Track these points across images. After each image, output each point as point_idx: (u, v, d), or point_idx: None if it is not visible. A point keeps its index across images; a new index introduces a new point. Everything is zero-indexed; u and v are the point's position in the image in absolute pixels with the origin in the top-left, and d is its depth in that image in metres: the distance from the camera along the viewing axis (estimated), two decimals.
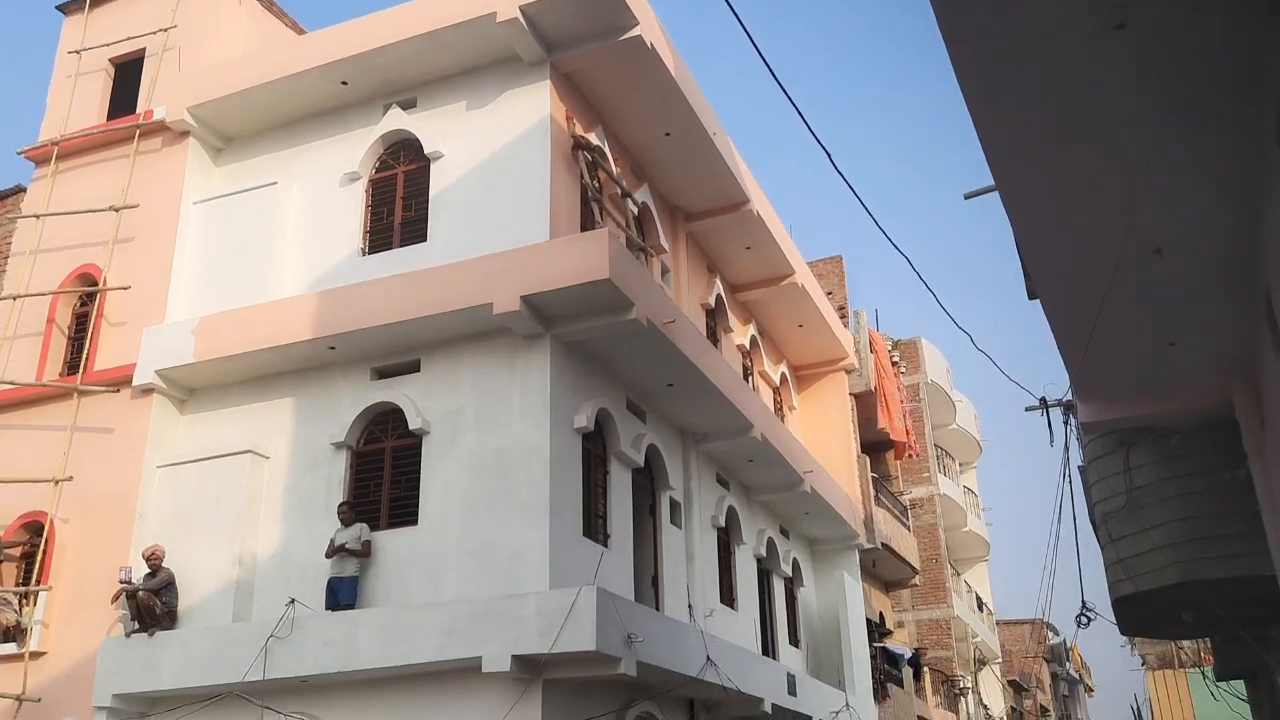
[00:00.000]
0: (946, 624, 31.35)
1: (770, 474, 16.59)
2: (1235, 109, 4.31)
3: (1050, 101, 4.22)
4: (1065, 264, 5.17)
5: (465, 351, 11.87)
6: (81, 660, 11.64)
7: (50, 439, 12.90)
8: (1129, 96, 4.20)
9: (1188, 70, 4.17)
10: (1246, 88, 4.15)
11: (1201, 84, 4.23)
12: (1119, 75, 4.14)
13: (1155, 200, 4.64)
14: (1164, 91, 4.17)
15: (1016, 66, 4.11)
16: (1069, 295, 5.46)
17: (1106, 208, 4.67)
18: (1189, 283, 5.24)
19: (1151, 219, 4.78)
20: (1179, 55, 4.08)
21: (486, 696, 10.16)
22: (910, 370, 32.33)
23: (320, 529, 11.64)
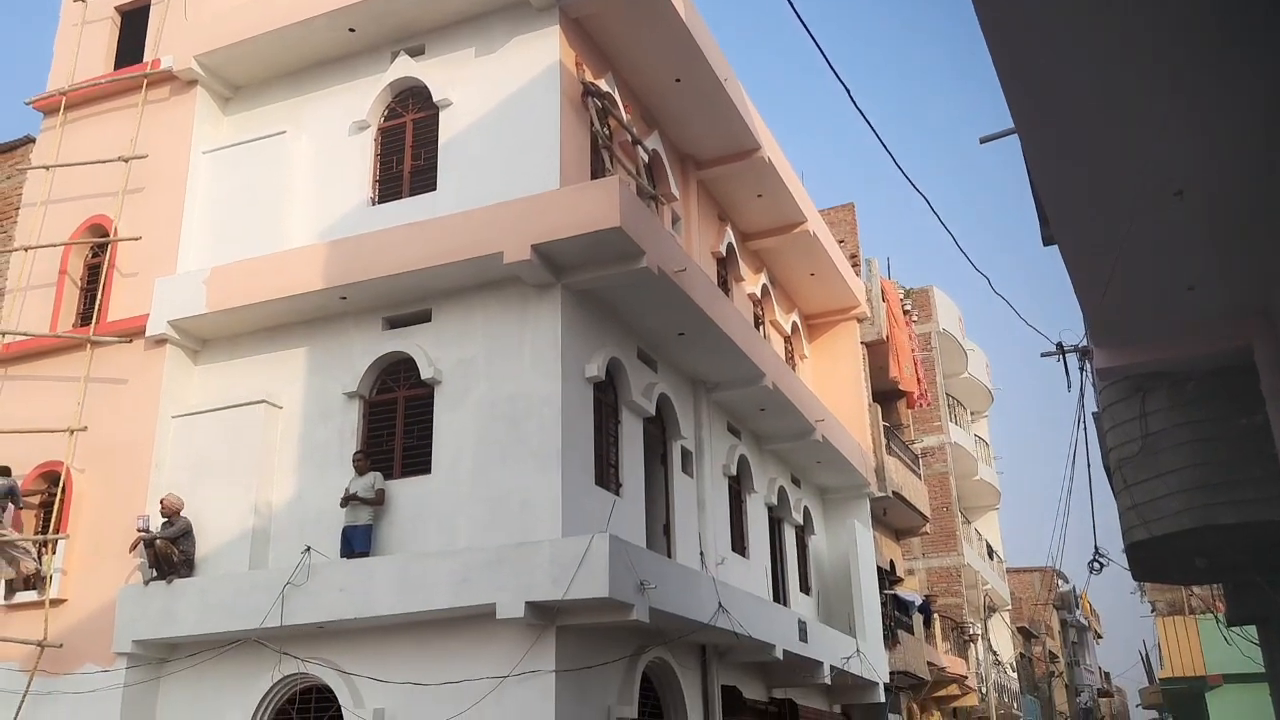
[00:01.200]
0: (957, 572, 31.55)
1: (782, 423, 16.60)
2: (1262, 44, 4.21)
3: (1072, 35, 4.13)
4: (1084, 207, 5.09)
5: (476, 301, 11.85)
6: (101, 607, 11.80)
7: (65, 389, 12.97)
8: (1152, 32, 4.11)
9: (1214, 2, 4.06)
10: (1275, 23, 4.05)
11: (1228, 18, 4.13)
12: (1143, 8, 4.04)
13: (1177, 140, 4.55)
14: (1188, 26, 4.07)
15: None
16: (1087, 239, 5.39)
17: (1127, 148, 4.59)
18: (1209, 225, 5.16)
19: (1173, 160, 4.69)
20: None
21: (500, 642, 10.27)
22: (922, 319, 32.24)
23: (334, 478, 11.71)
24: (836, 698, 18.45)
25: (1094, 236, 5.37)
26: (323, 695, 10.99)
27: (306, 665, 10.95)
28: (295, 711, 11.13)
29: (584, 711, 10.48)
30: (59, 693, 11.55)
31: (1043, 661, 46.65)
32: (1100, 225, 5.26)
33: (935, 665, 24.99)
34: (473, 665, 10.28)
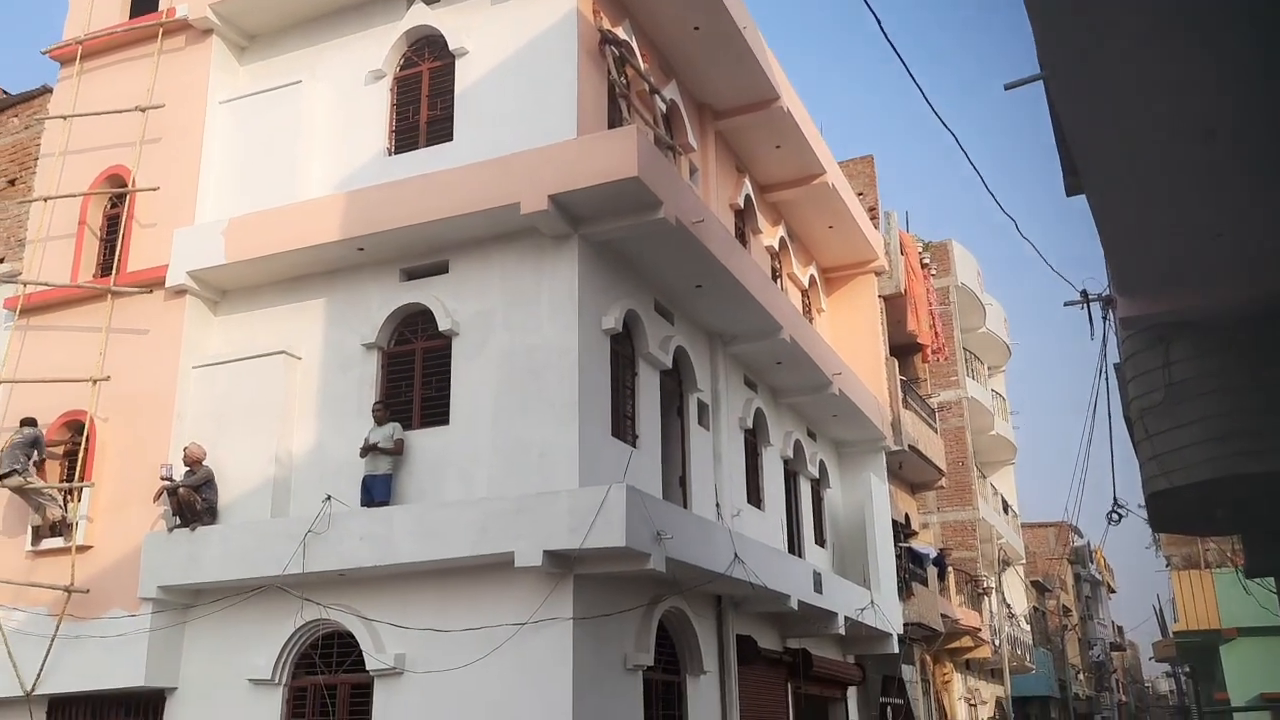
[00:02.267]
0: (971, 526, 31.66)
1: (798, 376, 16.59)
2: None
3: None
4: (1112, 150, 5.01)
5: (493, 252, 11.84)
6: (126, 554, 11.97)
7: (86, 340, 13.06)
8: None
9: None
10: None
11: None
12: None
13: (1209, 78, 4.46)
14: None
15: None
16: (1114, 184, 5.31)
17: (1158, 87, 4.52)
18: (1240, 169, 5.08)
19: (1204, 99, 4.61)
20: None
21: (519, 590, 10.38)
22: (940, 273, 32.06)
23: (354, 428, 11.79)
24: (850, 648, 18.62)
25: (1121, 182, 5.30)
26: (345, 640, 11.16)
27: (328, 611, 11.11)
28: (318, 656, 11.30)
29: (601, 658, 10.61)
30: (86, 636, 11.76)
31: (1056, 615, 46.92)
32: (1128, 170, 5.19)
33: (949, 617, 25.16)
34: (492, 612, 10.40)
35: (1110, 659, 60.41)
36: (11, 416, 13.04)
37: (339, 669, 11.13)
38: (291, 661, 11.34)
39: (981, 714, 33.52)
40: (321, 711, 11.09)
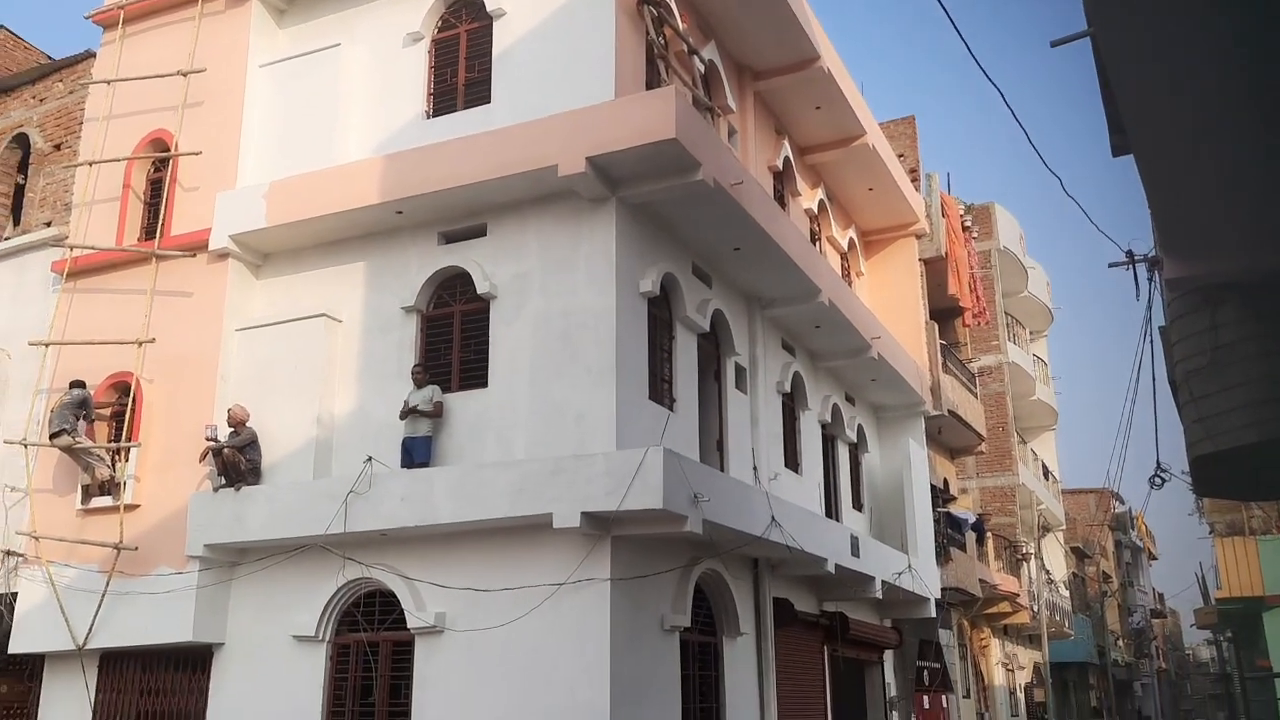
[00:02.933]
0: (1011, 491, 31.48)
1: (837, 340, 16.51)
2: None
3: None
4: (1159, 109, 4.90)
5: (531, 215, 11.85)
6: (173, 513, 12.20)
7: (131, 302, 13.26)
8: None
9: None
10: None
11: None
12: None
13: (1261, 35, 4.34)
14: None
15: None
16: (1161, 144, 5.20)
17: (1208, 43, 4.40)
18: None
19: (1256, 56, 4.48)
20: None
21: (557, 551, 10.48)
22: (982, 236, 31.67)
23: (394, 391, 11.90)
24: (887, 612, 18.64)
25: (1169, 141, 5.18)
26: (386, 599, 11.34)
27: (370, 570, 11.28)
28: (360, 614, 11.49)
29: (638, 619, 10.70)
30: (136, 593, 12.03)
31: (1096, 582, 46.63)
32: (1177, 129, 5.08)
33: (987, 583, 25.09)
34: (530, 573, 10.52)
35: (1150, 626, 60.04)
36: (60, 378, 13.31)
37: (381, 627, 11.32)
38: (335, 619, 11.55)
39: (1019, 679, 33.51)
40: (364, 668, 11.30)
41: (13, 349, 14.59)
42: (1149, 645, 58.01)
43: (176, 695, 12.15)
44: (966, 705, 24.88)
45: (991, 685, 28.98)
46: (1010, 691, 31.89)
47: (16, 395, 14.21)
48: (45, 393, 13.41)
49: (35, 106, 16.12)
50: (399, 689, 11.09)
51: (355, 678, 11.32)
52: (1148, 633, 58.06)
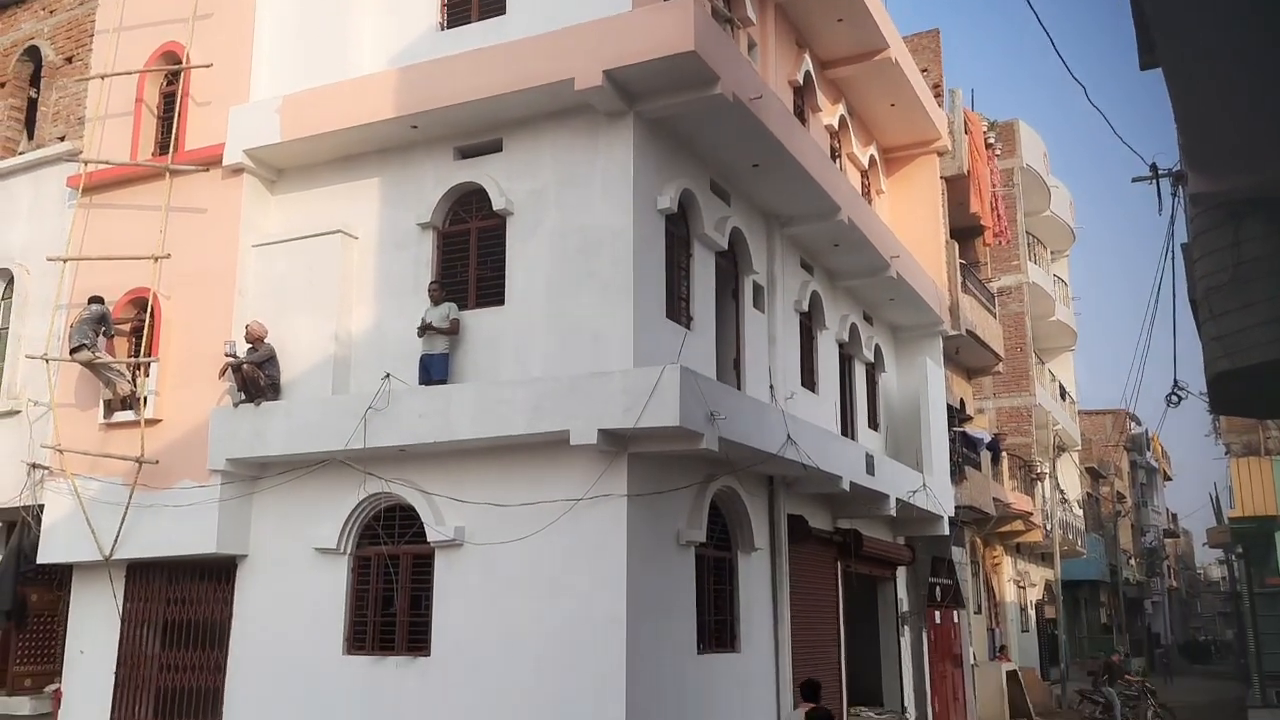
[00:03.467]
0: (1027, 412, 31.50)
1: (856, 259, 16.38)
2: None
3: None
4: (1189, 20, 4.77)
5: (547, 130, 11.71)
6: (194, 427, 12.35)
7: (147, 218, 13.24)
8: None
9: None
10: None
11: None
12: None
13: None
14: None
15: None
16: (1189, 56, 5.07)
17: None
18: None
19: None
20: None
21: (574, 468, 10.57)
22: (1005, 154, 31.20)
23: (411, 308, 11.92)
24: (901, 530, 18.81)
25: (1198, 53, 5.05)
26: (406, 513, 11.50)
27: (390, 485, 11.43)
28: (381, 528, 11.67)
29: (654, 534, 10.84)
30: (160, 506, 12.25)
31: (1110, 502, 46.87)
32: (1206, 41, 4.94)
33: (1001, 501, 25.25)
34: (548, 488, 10.63)
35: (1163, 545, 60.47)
36: (78, 294, 13.37)
37: (401, 540, 11.51)
38: (355, 532, 11.74)
39: (1030, 596, 33.93)
40: (385, 580, 11.51)
41: (31, 264, 14.67)
42: (1160, 564, 58.52)
43: (202, 604, 12.44)
44: (977, 621, 25.23)
45: (1003, 602, 29.36)
46: (1021, 608, 32.32)
47: (36, 311, 14.32)
48: (64, 308, 13.50)
49: (45, 18, 15.94)
50: (419, 600, 11.31)
51: (376, 589, 11.55)
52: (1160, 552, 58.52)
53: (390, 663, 11.16)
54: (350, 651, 11.43)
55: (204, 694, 12.20)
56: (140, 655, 12.66)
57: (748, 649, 12.73)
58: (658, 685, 10.55)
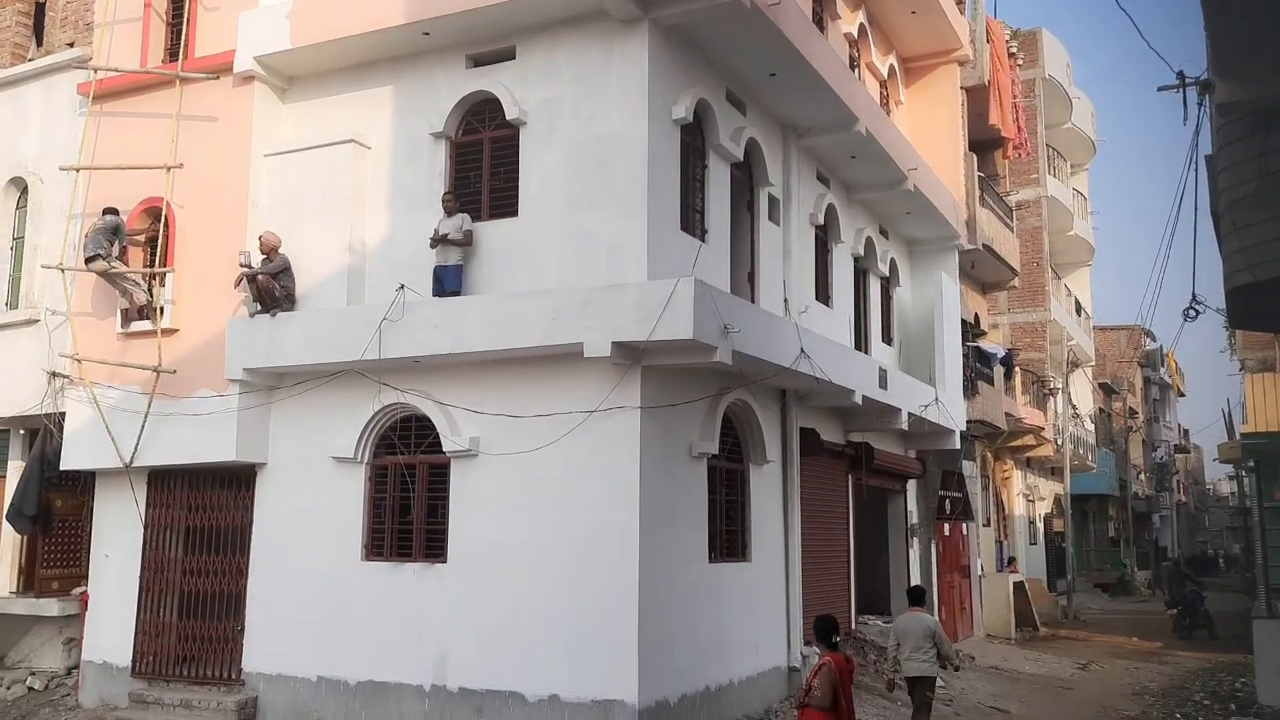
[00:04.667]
0: (1042, 327, 31.41)
1: (873, 171, 16.18)
2: None
3: None
4: None
5: (561, 37, 11.51)
6: (211, 337, 12.42)
7: (159, 126, 13.13)
8: None
9: None
10: None
11: None
12: None
13: None
14: None
15: None
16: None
17: None
18: None
19: None
20: None
21: (588, 380, 10.63)
22: (1027, 64, 30.54)
23: (424, 218, 11.87)
24: (913, 443, 18.93)
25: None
26: (422, 423, 11.61)
27: (405, 396, 11.52)
28: (397, 437, 11.80)
29: (667, 446, 10.94)
30: (179, 414, 12.39)
31: (1121, 417, 46.96)
32: None
33: (1013, 416, 25.34)
34: (562, 400, 10.71)
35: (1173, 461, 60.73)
36: (93, 203, 13.34)
37: (417, 450, 11.64)
38: (372, 442, 11.87)
39: (1039, 510, 34.24)
40: (402, 488, 11.68)
41: (45, 173, 14.62)
42: (1170, 479, 58.84)
43: (223, 511, 12.67)
44: (986, 534, 25.52)
45: (1011, 515, 29.65)
46: (1030, 521, 32.66)
47: (51, 219, 14.32)
48: (79, 217, 13.48)
49: None
50: (435, 509, 11.49)
51: (393, 498, 11.73)
52: (1170, 467, 58.79)
53: (407, 569, 11.39)
54: (368, 558, 11.66)
55: (226, 597, 12.50)
56: (164, 560, 12.95)
57: (758, 559, 12.93)
58: (669, 593, 10.76)
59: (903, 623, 11.69)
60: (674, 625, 10.84)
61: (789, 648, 13.44)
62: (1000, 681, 16.80)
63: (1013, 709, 14.45)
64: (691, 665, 11.12)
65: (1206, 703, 16.03)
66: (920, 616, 11.56)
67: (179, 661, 12.63)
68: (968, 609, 22.34)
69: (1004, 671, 17.50)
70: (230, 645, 12.32)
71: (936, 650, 11.21)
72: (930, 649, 11.18)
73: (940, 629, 11.57)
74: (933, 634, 11.27)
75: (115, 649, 12.97)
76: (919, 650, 11.18)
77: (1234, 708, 15.46)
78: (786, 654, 13.40)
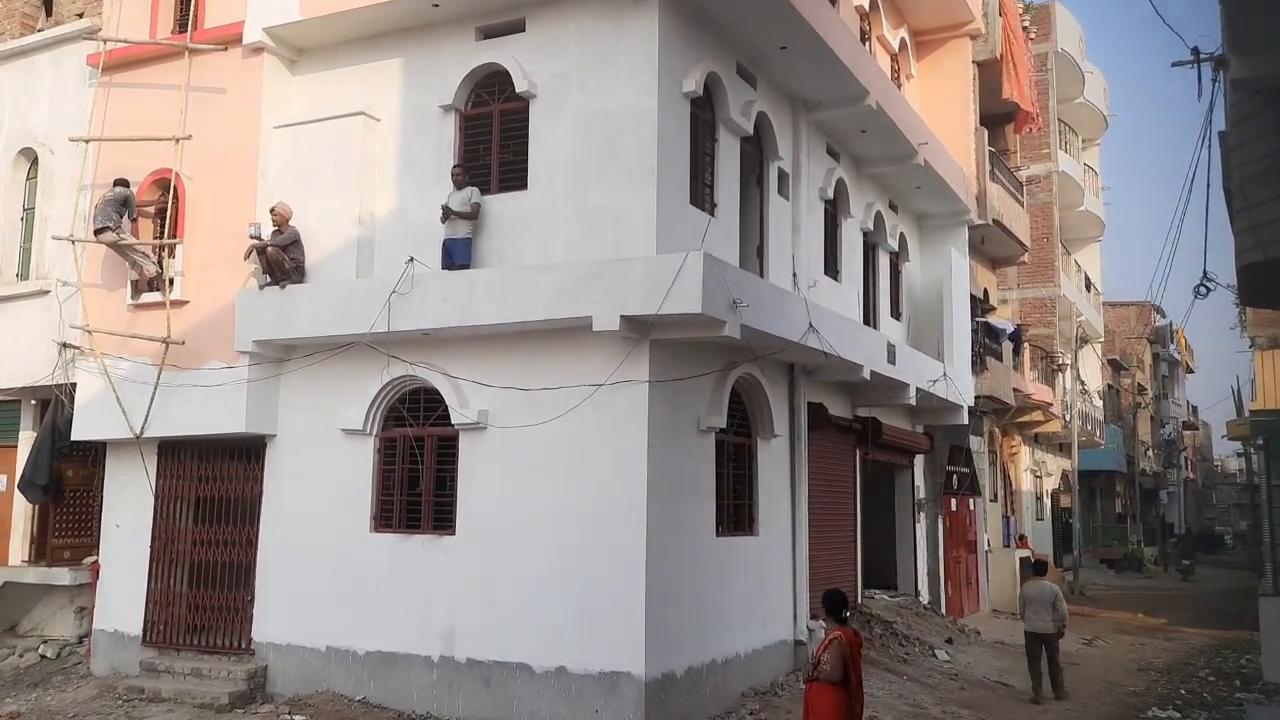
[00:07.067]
0: (1051, 303, 31.31)
1: (883, 145, 16.11)
2: None
3: None
4: None
5: (570, 10, 11.45)
6: (220, 309, 12.45)
7: (169, 97, 13.12)
8: None
9: None
10: None
11: None
12: None
13: None
14: None
15: None
16: None
17: None
18: None
19: None
20: None
21: (596, 354, 10.64)
22: (1039, 38, 30.33)
23: (433, 191, 11.86)
24: (920, 418, 18.94)
25: None
26: (431, 396, 11.65)
27: (414, 369, 11.55)
28: (406, 410, 11.85)
29: (675, 419, 10.96)
30: (189, 386, 12.44)
31: (1130, 394, 46.90)
32: None
33: (1021, 392, 25.32)
34: (570, 373, 10.72)
35: (1181, 437, 60.70)
36: (103, 174, 13.36)
37: (426, 422, 11.69)
38: (381, 414, 11.92)
39: (1046, 485, 34.27)
40: (411, 461, 11.74)
41: (55, 144, 14.64)
42: (1178, 456, 58.81)
43: (233, 482, 12.75)
44: (993, 509, 25.58)
45: (1019, 491, 29.69)
46: (1037, 497, 32.70)
47: (61, 190, 14.34)
48: (89, 188, 13.50)
49: None
50: (444, 481, 11.54)
51: (402, 470, 11.78)
52: (1178, 443, 58.77)
53: (416, 540, 11.46)
54: (377, 530, 11.73)
55: (236, 568, 12.60)
56: (174, 530, 13.05)
57: (765, 533, 12.98)
58: (677, 566, 10.81)
59: (1030, 589, 14.07)
60: (681, 598, 10.90)
61: (795, 621, 13.51)
62: (1006, 656, 16.88)
63: (1017, 684, 14.53)
64: (698, 638, 11.19)
65: (1211, 679, 16.10)
66: (1043, 585, 13.93)
67: (189, 631, 12.75)
68: (974, 584, 22.42)
69: (1009, 646, 17.57)
70: (240, 615, 12.43)
71: (1054, 611, 13.59)
72: (1050, 611, 13.56)
73: (1060, 596, 13.90)
74: (1053, 600, 13.66)
75: (126, 618, 13.10)
76: (1040, 611, 13.63)
77: (1239, 684, 15.52)
78: (793, 628, 13.47)
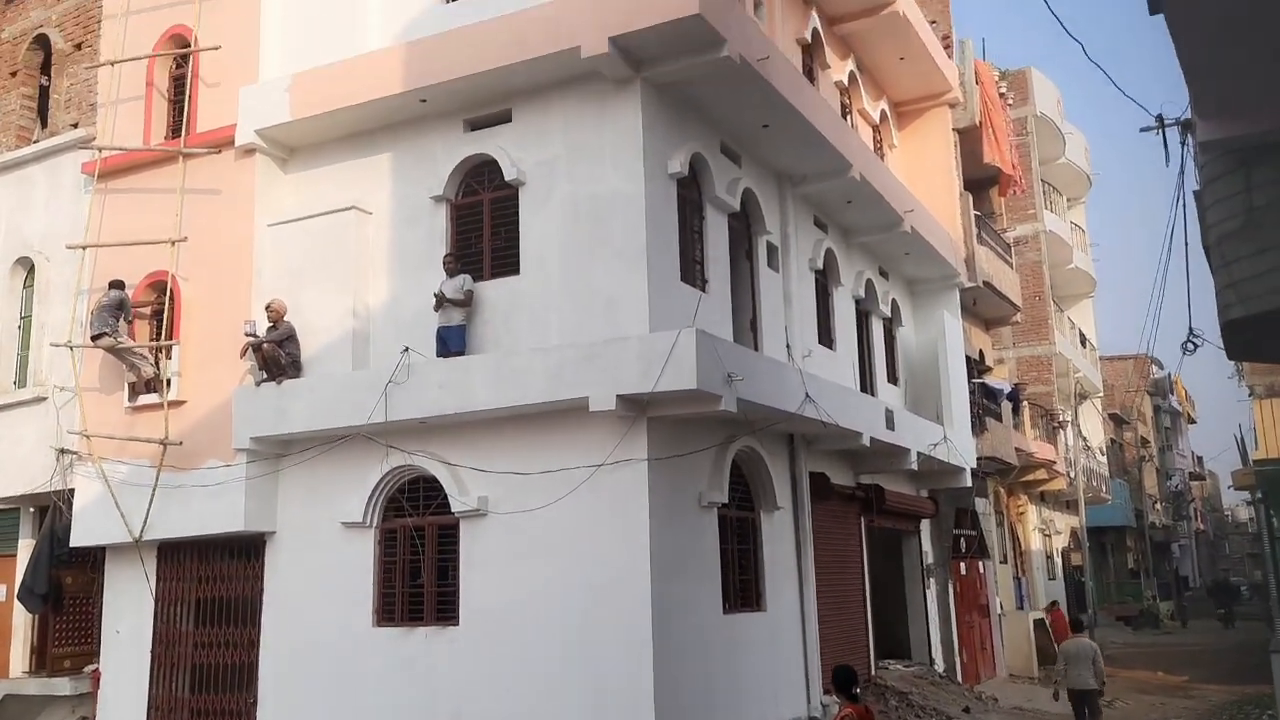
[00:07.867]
0: (1048, 360, 31.40)
1: (869, 215, 16.31)
2: None
3: None
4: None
5: (555, 99, 11.69)
6: (217, 407, 12.49)
7: (163, 201, 13.33)
8: None
9: None
10: None
11: None
12: None
13: None
14: None
15: None
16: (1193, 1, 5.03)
17: None
18: None
19: None
20: None
21: (594, 434, 10.66)
22: (1018, 103, 30.88)
23: (426, 281, 11.98)
24: (924, 483, 18.86)
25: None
26: (430, 485, 11.63)
27: (413, 458, 11.55)
28: (405, 500, 11.82)
29: (676, 496, 10.94)
30: (187, 486, 12.43)
31: (1133, 447, 46.75)
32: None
33: (1023, 451, 25.24)
34: (569, 455, 10.72)
35: (1188, 488, 60.34)
36: (99, 278, 13.51)
37: (426, 511, 11.65)
38: (380, 505, 11.88)
39: (1056, 544, 33.97)
40: (412, 551, 11.67)
41: (51, 252, 14.81)
42: (1187, 507, 58.43)
43: (233, 582, 12.65)
44: (1004, 570, 25.32)
45: (1028, 550, 29.42)
46: (1047, 556, 32.39)
47: (58, 297, 14.47)
48: (86, 294, 13.64)
49: (53, 6, 15.96)
50: (446, 570, 11.47)
51: (404, 561, 11.71)
52: (1185, 495, 58.41)
53: (419, 633, 11.34)
54: (380, 624, 11.62)
55: (238, 669, 12.44)
56: (175, 633, 12.92)
57: (773, 607, 12.86)
58: (684, 646, 10.69)
59: (1069, 646, 14.05)
60: (689, 678, 10.76)
61: (809, 697, 13.30)
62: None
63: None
64: (709, 717, 11.01)
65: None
66: (1082, 641, 14.02)
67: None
68: (989, 649, 22.10)
69: (1028, 712, 17.27)
70: (243, 718, 12.23)
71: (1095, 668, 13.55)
72: (1090, 667, 13.52)
73: (1098, 652, 13.91)
74: (1093, 656, 13.66)
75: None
76: (1081, 668, 13.57)
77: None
78: (806, 704, 13.26)
